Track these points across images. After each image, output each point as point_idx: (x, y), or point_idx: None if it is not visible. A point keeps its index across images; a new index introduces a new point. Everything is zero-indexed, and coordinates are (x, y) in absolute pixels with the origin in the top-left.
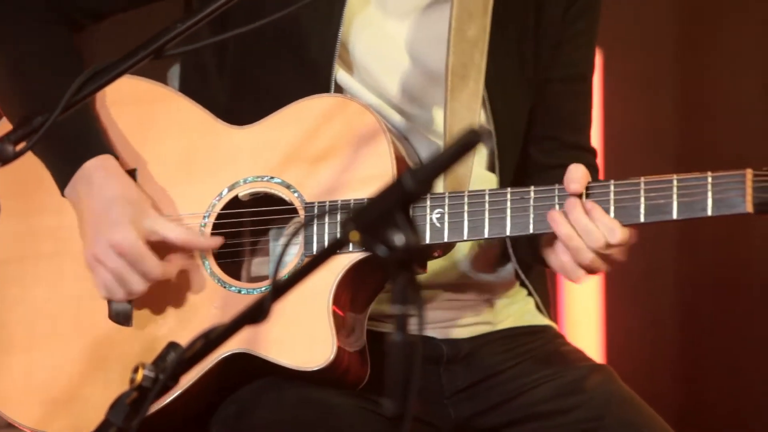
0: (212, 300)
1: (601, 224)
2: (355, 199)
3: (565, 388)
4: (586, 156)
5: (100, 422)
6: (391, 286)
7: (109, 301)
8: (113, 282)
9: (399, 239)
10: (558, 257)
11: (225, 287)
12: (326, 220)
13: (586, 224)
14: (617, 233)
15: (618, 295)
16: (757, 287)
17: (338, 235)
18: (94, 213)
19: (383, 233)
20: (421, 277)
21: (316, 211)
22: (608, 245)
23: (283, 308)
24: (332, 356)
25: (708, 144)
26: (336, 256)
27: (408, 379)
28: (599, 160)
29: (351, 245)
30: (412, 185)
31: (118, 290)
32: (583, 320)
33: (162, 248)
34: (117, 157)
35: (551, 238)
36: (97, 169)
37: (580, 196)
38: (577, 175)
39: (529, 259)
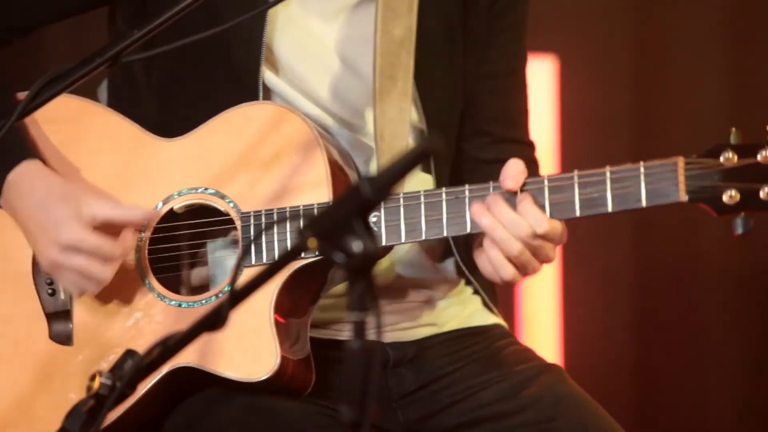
0: (152, 314)
1: (529, 215)
2: (291, 207)
3: (514, 389)
4: (523, 149)
5: (56, 431)
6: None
7: (49, 321)
8: (80, 279)
9: (357, 246)
10: (486, 253)
11: (164, 301)
12: (263, 228)
13: (510, 215)
14: (544, 223)
15: (575, 292)
16: (713, 286)
17: (293, 243)
18: (34, 220)
19: (341, 240)
20: None
21: (252, 220)
22: (535, 235)
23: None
24: (276, 366)
25: (664, 144)
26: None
27: (366, 385)
28: (554, 155)
29: (308, 252)
30: (370, 192)
31: (88, 284)
32: (541, 318)
33: (110, 227)
34: (43, 161)
35: (481, 238)
36: (22, 176)
37: (515, 192)
38: (513, 171)
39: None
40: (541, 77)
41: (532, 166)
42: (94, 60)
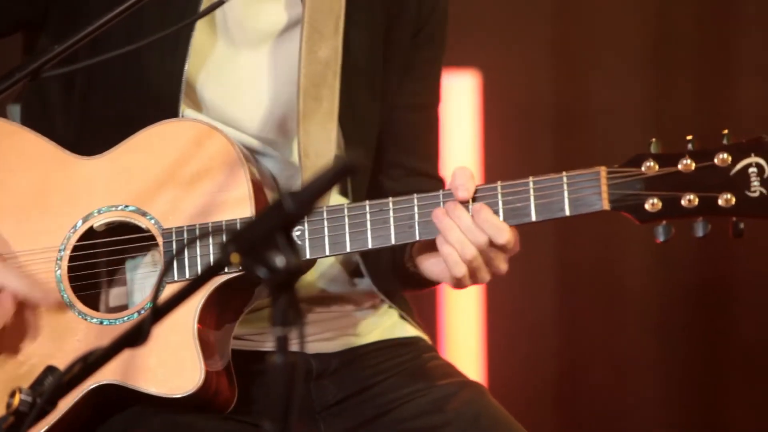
0: (74, 333)
1: (488, 225)
2: (212, 223)
3: (434, 405)
4: (434, 184)
5: None
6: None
7: None
8: None
9: (280, 261)
10: (439, 249)
11: (86, 319)
12: (185, 243)
13: (469, 223)
14: (505, 233)
15: (498, 304)
16: (633, 293)
17: (215, 258)
18: None
19: (264, 255)
20: None
21: (174, 236)
22: (492, 244)
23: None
24: (200, 381)
25: (587, 155)
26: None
27: (289, 401)
28: (478, 168)
29: (231, 267)
30: (293, 207)
31: None
32: (463, 331)
33: None
34: None
35: (424, 244)
36: None
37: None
38: (462, 180)
39: (394, 281)
40: (464, 91)
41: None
42: (13, 75)
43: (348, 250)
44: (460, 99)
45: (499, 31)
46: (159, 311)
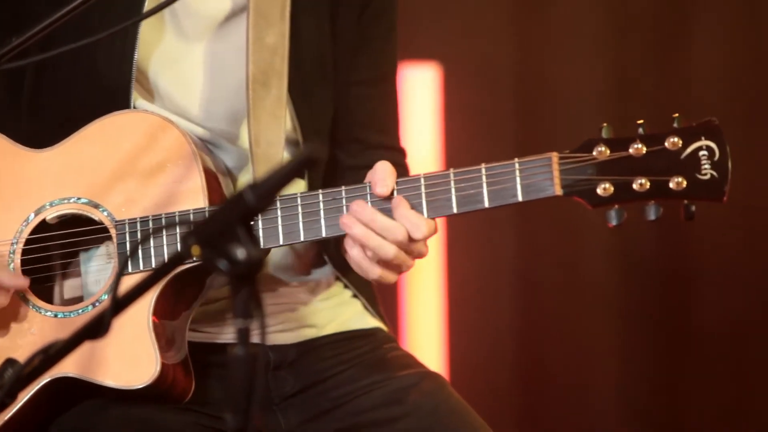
0: (29, 326)
1: (405, 220)
2: (165, 214)
3: (394, 396)
4: (394, 155)
5: None
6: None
7: None
8: None
9: (241, 253)
10: (348, 254)
11: (40, 312)
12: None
13: (383, 222)
14: (423, 228)
15: (459, 295)
16: (594, 282)
17: (176, 250)
18: None
19: (224, 247)
20: None
21: (127, 228)
22: (411, 240)
23: None
24: (157, 372)
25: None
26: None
27: (250, 392)
28: (438, 160)
29: (191, 259)
30: (253, 200)
31: None
32: (424, 322)
33: None
34: None
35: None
36: None
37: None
38: (382, 175)
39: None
40: (424, 84)
41: (402, 171)
42: None
43: (302, 239)
44: (421, 92)
45: (459, 24)
46: (119, 303)
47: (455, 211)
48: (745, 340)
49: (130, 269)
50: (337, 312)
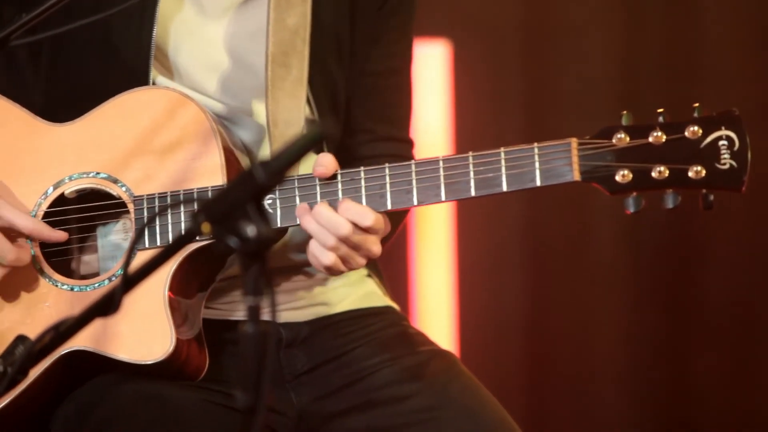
0: (44, 299)
1: (350, 213)
2: (184, 191)
3: (405, 374)
4: (401, 147)
5: None
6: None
7: None
8: None
9: (251, 230)
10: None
11: (56, 285)
12: (156, 212)
13: (329, 215)
14: (369, 216)
15: (469, 275)
16: (603, 262)
17: (186, 227)
18: None
19: (235, 225)
20: None
21: (145, 203)
22: (358, 227)
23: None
24: (171, 348)
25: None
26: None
27: (261, 370)
28: (448, 139)
29: (202, 236)
30: (263, 177)
31: None
32: (434, 301)
33: (9, 233)
34: None
35: None
36: None
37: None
38: (324, 161)
39: None
40: (435, 62)
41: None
42: None
43: None
44: (431, 69)
45: (470, 1)
46: (130, 280)
47: (473, 194)
48: (755, 327)
49: (147, 245)
50: (350, 290)
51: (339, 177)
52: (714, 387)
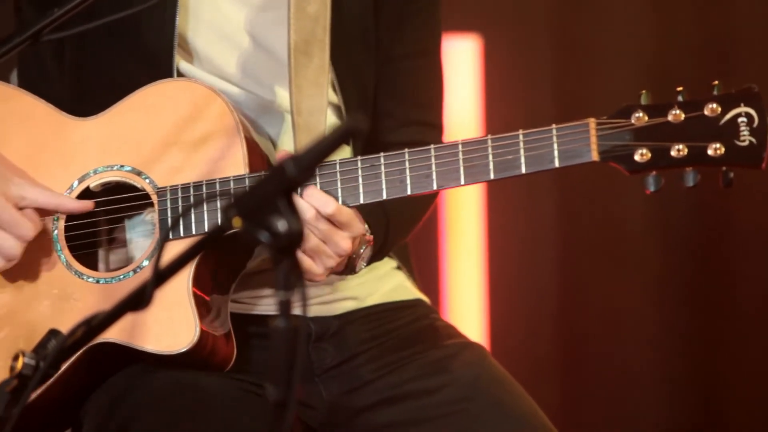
0: (71, 292)
1: (313, 198)
2: (207, 181)
3: (435, 367)
4: (431, 132)
5: None
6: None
7: None
8: None
9: (282, 225)
10: None
11: (82, 278)
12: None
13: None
14: (330, 203)
15: (500, 266)
16: (634, 253)
17: (218, 221)
18: None
19: (265, 219)
20: None
21: (168, 195)
22: (319, 216)
23: None
24: (196, 338)
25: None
26: (194, 238)
27: (292, 365)
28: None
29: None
30: (294, 171)
31: None
32: (465, 294)
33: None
34: None
35: None
36: None
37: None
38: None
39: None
40: (465, 56)
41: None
42: (13, 39)
43: (339, 203)
44: (462, 63)
45: None
46: (161, 275)
47: (492, 176)
48: None
49: (177, 234)
50: (379, 284)
51: (359, 163)
52: (744, 375)
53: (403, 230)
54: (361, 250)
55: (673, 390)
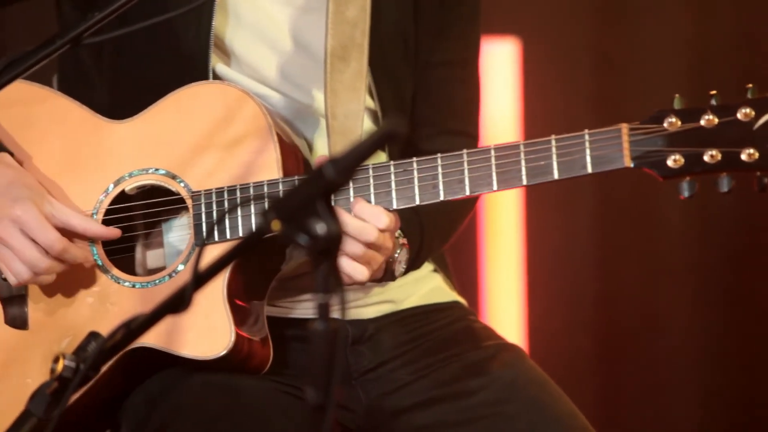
0: (107, 296)
1: (365, 214)
2: (241, 185)
3: (472, 369)
4: (467, 142)
5: (19, 413)
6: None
7: (4, 306)
8: (14, 260)
9: (321, 228)
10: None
11: (119, 282)
12: (214, 208)
13: (353, 224)
14: (383, 218)
15: (538, 269)
16: (673, 258)
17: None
18: None
19: (304, 222)
20: None
21: (203, 199)
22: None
23: None
24: (231, 343)
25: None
26: (228, 242)
27: (331, 368)
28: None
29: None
30: (333, 174)
31: (22, 270)
32: (503, 296)
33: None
34: (12, 154)
35: None
36: None
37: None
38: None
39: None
40: (504, 60)
41: None
42: (54, 42)
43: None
44: (500, 66)
45: None
46: (200, 278)
47: (525, 182)
48: None
49: (216, 238)
50: (416, 287)
51: (392, 168)
52: None
53: (439, 238)
54: (397, 254)
55: (713, 394)
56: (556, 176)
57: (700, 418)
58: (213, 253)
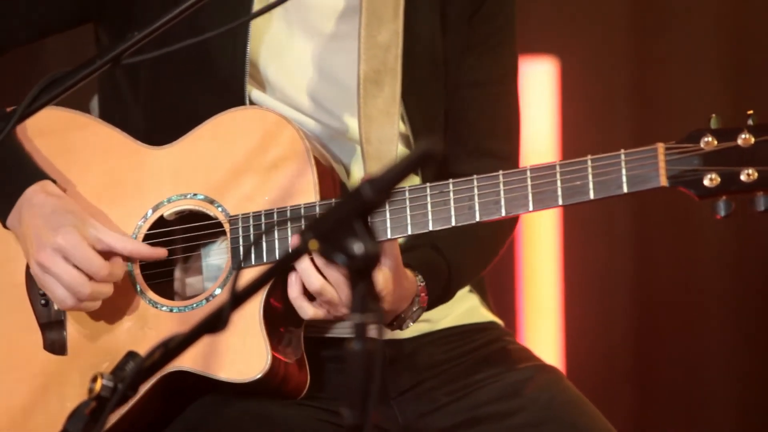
0: (145, 321)
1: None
2: (278, 209)
3: (510, 390)
4: (502, 164)
5: None
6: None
7: (43, 332)
8: (58, 288)
9: (358, 247)
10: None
11: (156, 307)
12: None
13: (337, 277)
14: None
15: (576, 291)
16: (711, 282)
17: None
18: (35, 227)
19: (342, 242)
20: None
21: (240, 223)
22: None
23: None
24: (267, 365)
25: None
26: (264, 265)
27: (368, 388)
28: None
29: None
30: (370, 194)
31: (67, 297)
32: (541, 317)
33: (107, 255)
34: (55, 182)
35: None
36: (36, 192)
37: None
38: None
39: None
40: (542, 79)
41: None
42: (94, 62)
43: (409, 232)
44: (538, 86)
45: (578, 18)
46: (238, 298)
47: (560, 203)
48: None
49: (253, 262)
50: (453, 307)
51: (428, 190)
52: None
53: (472, 270)
54: (413, 310)
55: (750, 415)
56: (591, 196)
57: None
58: (248, 276)
